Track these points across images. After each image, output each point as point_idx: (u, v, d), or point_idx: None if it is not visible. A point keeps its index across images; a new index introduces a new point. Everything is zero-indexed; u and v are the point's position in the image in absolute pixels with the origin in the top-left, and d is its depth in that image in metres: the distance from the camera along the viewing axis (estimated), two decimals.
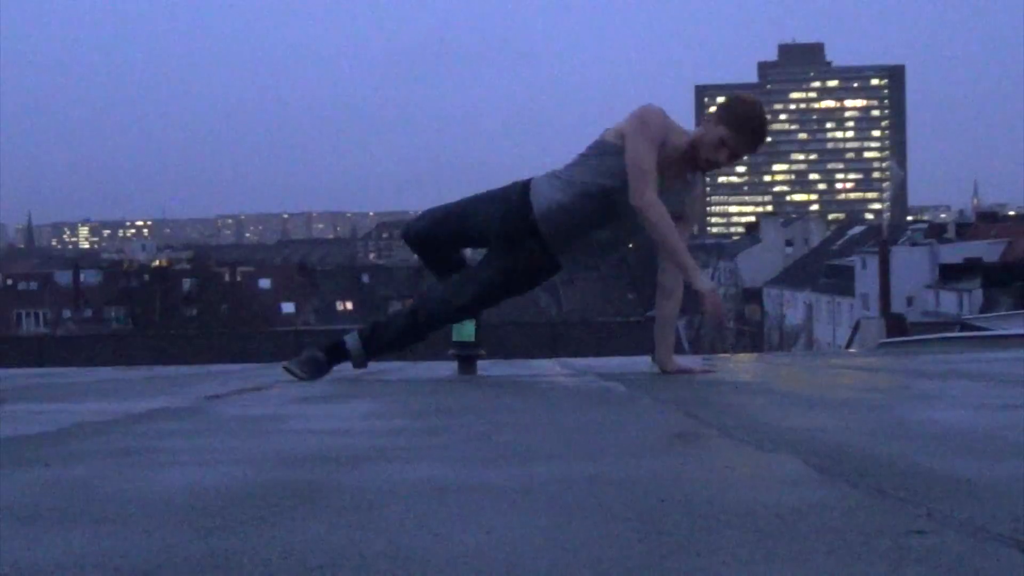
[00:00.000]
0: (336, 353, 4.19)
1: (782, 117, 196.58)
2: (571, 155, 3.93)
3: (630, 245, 4.32)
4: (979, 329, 17.60)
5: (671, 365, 4.04)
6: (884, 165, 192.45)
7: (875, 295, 42.97)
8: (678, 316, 4.12)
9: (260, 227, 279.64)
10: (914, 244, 50.96)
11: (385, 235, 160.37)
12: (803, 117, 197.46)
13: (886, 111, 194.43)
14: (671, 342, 4.11)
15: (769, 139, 4.15)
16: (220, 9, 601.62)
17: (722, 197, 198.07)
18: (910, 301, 44.06)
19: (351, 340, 4.18)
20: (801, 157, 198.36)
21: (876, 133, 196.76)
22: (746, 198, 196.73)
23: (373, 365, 4.42)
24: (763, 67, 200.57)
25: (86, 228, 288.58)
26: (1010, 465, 1.52)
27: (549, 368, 5.66)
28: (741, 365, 5.48)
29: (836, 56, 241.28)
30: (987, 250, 47.16)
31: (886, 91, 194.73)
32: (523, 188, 3.93)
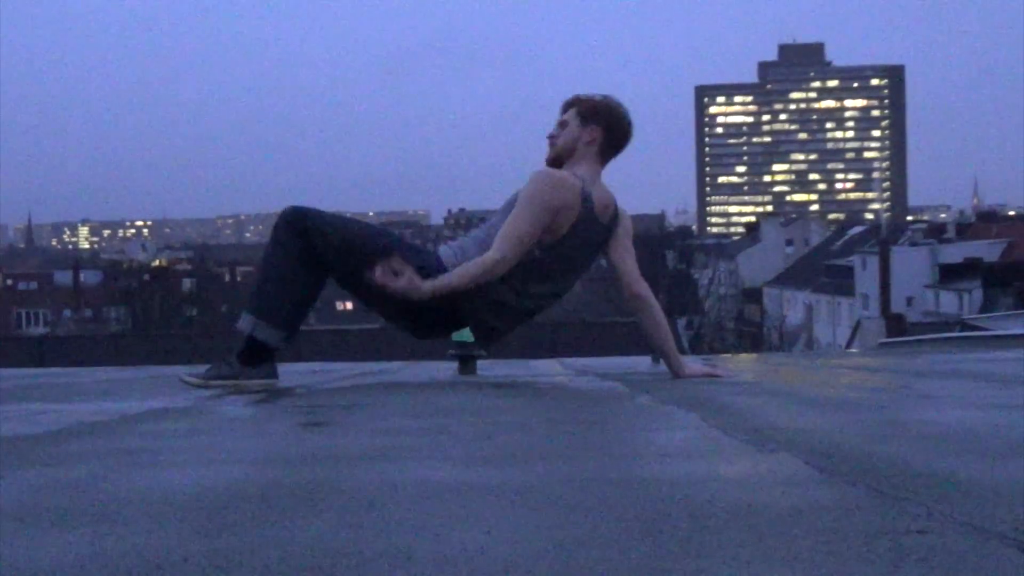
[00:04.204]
0: (251, 351, 3.62)
1: (782, 117, 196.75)
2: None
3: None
4: (979, 329, 17.60)
5: (686, 371, 3.81)
6: (884, 165, 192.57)
7: (875, 295, 43.08)
8: (667, 317, 3.88)
9: (260, 227, 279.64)
10: (914, 244, 50.95)
11: None
12: (803, 117, 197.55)
13: (886, 111, 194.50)
14: (674, 347, 3.87)
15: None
16: (220, 9, 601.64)
17: (722, 197, 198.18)
18: (910, 301, 44.05)
19: (247, 322, 3.60)
20: (801, 157, 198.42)
21: (876, 133, 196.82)
22: (746, 198, 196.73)
23: (372, 365, 4.27)
24: (763, 67, 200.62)
25: (86, 228, 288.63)
26: (1010, 465, 1.52)
27: (549, 368, 5.66)
28: (741, 365, 5.48)
29: (836, 56, 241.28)
30: (987, 250, 47.14)
31: (886, 91, 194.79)
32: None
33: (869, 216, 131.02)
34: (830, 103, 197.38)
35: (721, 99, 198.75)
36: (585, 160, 3.67)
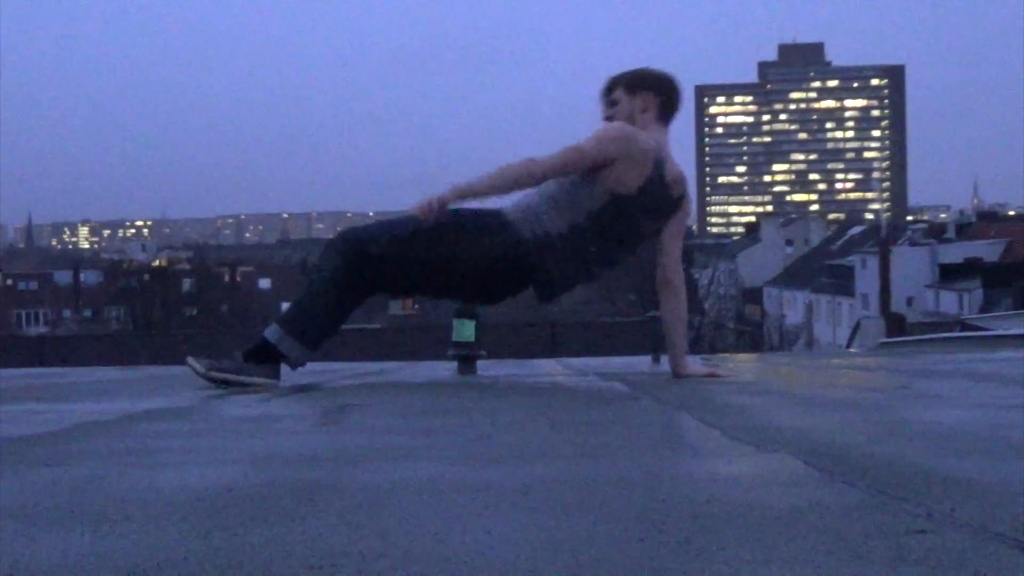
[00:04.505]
0: (260, 352, 3.65)
1: (782, 117, 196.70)
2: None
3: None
4: (979, 329, 17.60)
5: (686, 369, 3.81)
6: (884, 165, 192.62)
7: (875, 295, 43.05)
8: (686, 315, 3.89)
9: (260, 227, 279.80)
10: (914, 244, 50.97)
11: None
12: (803, 117, 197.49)
13: (886, 111, 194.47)
14: (684, 345, 3.87)
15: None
16: (220, 8, 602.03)
17: (722, 197, 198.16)
18: (910, 301, 44.07)
19: (276, 333, 3.63)
20: (801, 157, 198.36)
21: (876, 133, 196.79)
22: (746, 198, 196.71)
23: (372, 365, 4.28)
24: (763, 67, 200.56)
25: (86, 228, 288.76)
26: (1010, 465, 1.52)
27: (549, 368, 5.66)
28: (741, 365, 5.48)
29: (836, 56, 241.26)
30: (987, 250, 47.17)
31: (886, 91, 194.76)
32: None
33: (869, 216, 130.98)
34: (830, 103, 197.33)
35: (721, 99, 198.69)
36: (648, 128, 3.68)
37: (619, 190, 3.55)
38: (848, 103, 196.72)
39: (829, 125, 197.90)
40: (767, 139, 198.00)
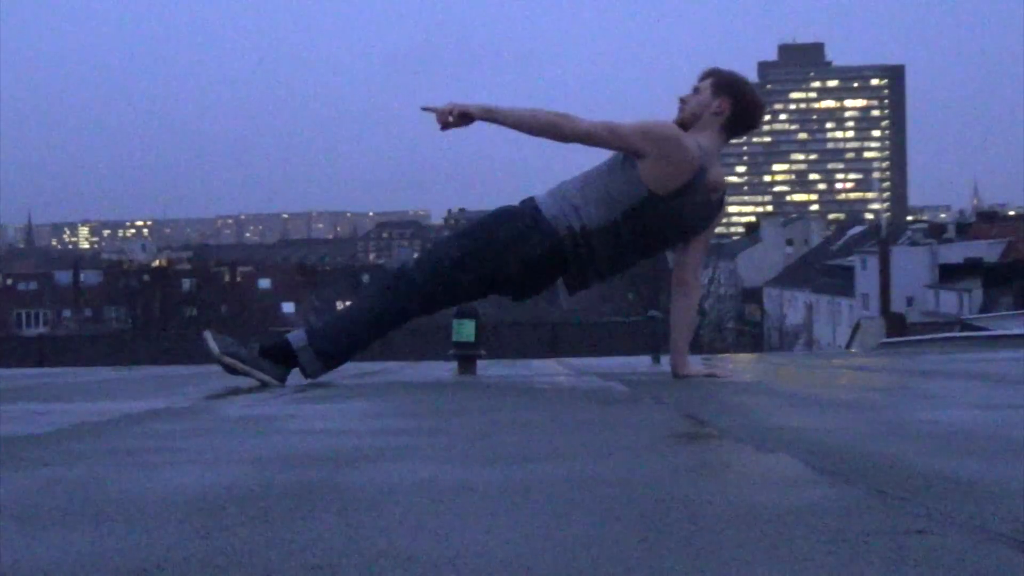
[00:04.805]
0: (276, 351, 3.72)
1: (782, 117, 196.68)
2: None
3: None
4: (979, 329, 17.61)
5: (686, 370, 3.81)
6: (884, 165, 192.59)
7: (875, 295, 43.06)
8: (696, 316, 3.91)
9: (260, 227, 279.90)
10: (914, 244, 50.98)
11: (385, 235, 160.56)
12: (803, 117, 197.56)
13: (886, 111, 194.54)
14: (687, 345, 3.87)
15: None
16: (220, 9, 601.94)
17: None
18: (910, 301, 44.08)
19: (300, 341, 3.70)
20: (801, 157, 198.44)
21: (876, 133, 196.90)
22: (746, 198, 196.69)
23: (372, 365, 4.29)
24: (763, 67, 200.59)
25: (86, 228, 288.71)
26: (1010, 465, 1.52)
27: (549, 368, 5.66)
28: (741, 365, 5.48)
29: (836, 56, 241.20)
30: (987, 250, 47.17)
31: (886, 91, 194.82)
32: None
33: (869, 216, 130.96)
34: (830, 103, 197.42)
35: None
36: (709, 129, 3.68)
37: (656, 190, 3.58)
38: (848, 103, 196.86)
39: (829, 125, 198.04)
40: (767, 139, 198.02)
